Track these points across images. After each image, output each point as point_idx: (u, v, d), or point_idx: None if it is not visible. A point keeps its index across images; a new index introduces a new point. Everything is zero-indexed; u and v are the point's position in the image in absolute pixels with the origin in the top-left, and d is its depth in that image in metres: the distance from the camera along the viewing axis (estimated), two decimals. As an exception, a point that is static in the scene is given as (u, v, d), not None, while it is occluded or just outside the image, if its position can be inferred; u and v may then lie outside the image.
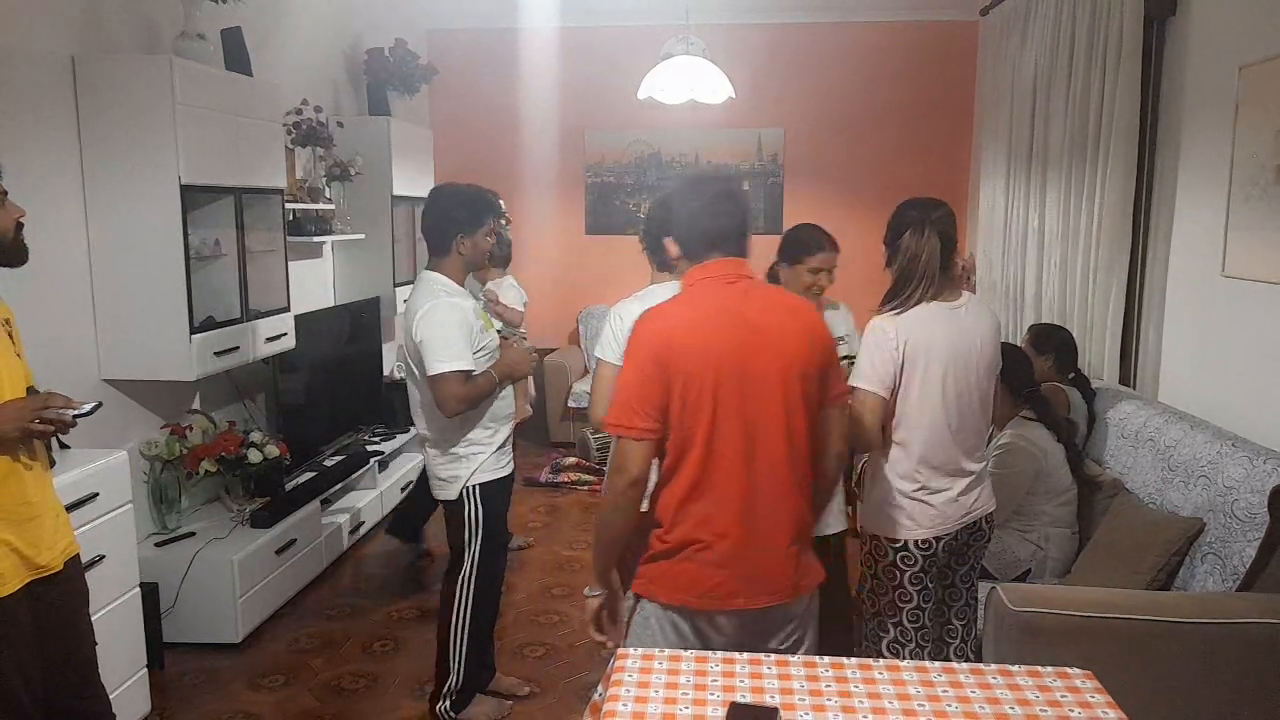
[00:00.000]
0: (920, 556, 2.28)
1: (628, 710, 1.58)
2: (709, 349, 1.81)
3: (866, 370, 2.23)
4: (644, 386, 1.81)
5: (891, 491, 2.28)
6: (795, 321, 1.88)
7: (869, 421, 2.24)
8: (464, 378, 2.60)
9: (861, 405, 2.22)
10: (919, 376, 2.22)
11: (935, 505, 2.27)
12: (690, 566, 1.86)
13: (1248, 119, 3.03)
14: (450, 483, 2.76)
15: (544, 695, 3.13)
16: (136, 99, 3.10)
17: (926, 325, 2.22)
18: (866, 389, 2.23)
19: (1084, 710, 1.59)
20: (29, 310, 2.17)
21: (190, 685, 3.16)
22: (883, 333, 2.22)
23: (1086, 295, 4.04)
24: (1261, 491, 2.49)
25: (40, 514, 2.03)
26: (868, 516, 2.35)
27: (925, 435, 2.25)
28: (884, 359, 2.21)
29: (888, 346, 2.21)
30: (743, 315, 1.85)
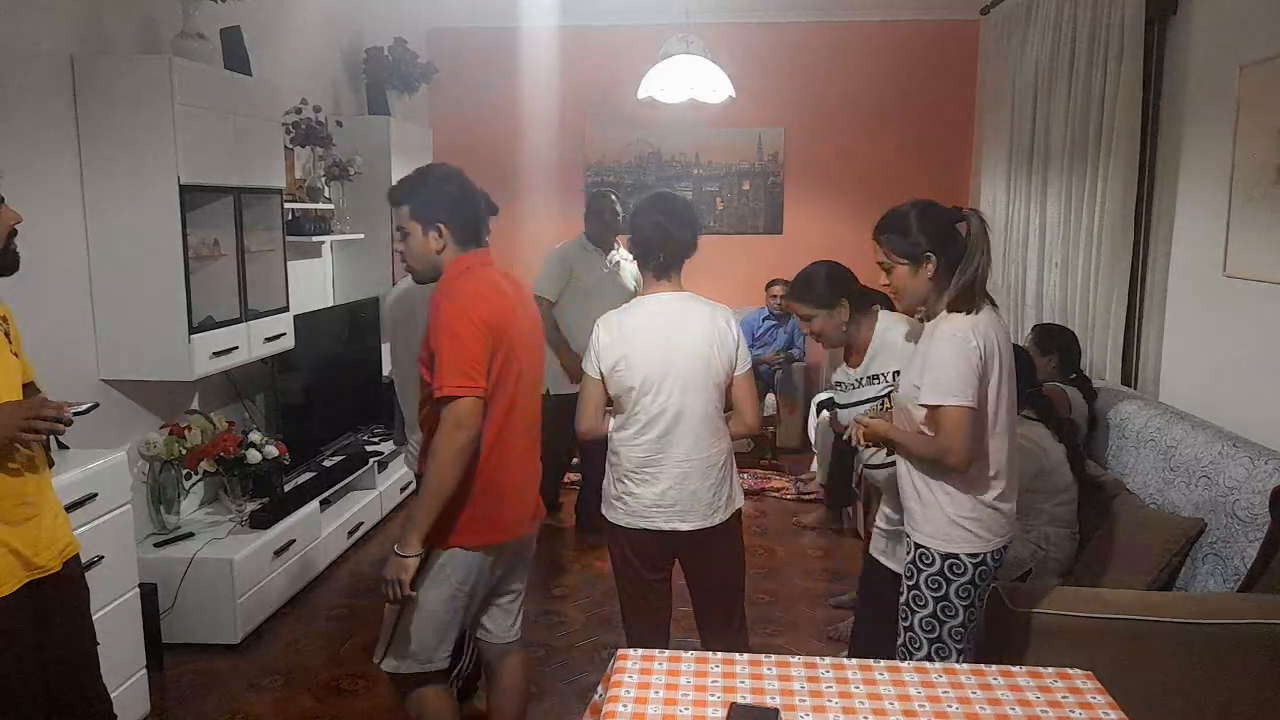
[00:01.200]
0: (994, 569, 2.14)
1: (628, 711, 1.58)
2: (507, 319, 2.19)
3: (955, 382, 2.01)
4: (479, 352, 2.11)
5: (968, 503, 2.09)
6: (524, 294, 2.38)
7: (964, 439, 2.02)
8: None
9: (957, 422, 2.01)
10: (994, 381, 2.07)
11: (1005, 512, 2.13)
12: (495, 508, 2.21)
13: (1249, 119, 3.02)
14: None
15: (544, 696, 3.13)
16: (135, 98, 3.10)
17: (990, 326, 2.08)
18: (958, 404, 2.01)
19: (1085, 711, 1.59)
20: (27, 310, 2.17)
21: (189, 686, 3.15)
22: (965, 339, 2.03)
23: (1087, 295, 4.04)
24: (1262, 492, 2.49)
25: (39, 514, 2.03)
26: (935, 536, 2.11)
27: (1000, 442, 2.10)
28: (970, 367, 2.02)
29: (972, 354, 2.02)
30: (508, 292, 2.27)
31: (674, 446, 2.42)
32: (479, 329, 2.10)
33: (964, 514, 2.09)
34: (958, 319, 2.06)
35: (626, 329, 2.42)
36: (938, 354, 2.05)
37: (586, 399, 2.47)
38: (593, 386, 2.45)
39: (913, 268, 2.13)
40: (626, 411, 2.43)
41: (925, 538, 2.13)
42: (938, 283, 2.13)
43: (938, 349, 2.05)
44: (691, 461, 2.42)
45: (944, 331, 2.06)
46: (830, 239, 6.26)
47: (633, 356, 2.39)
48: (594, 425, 2.48)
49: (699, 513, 2.45)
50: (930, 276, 2.12)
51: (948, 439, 2.02)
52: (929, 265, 2.11)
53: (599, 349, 2.44)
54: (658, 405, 2.40)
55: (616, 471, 2.48)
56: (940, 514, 2.11)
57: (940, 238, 2.11)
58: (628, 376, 2.39)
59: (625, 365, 2.39)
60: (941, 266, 2.11)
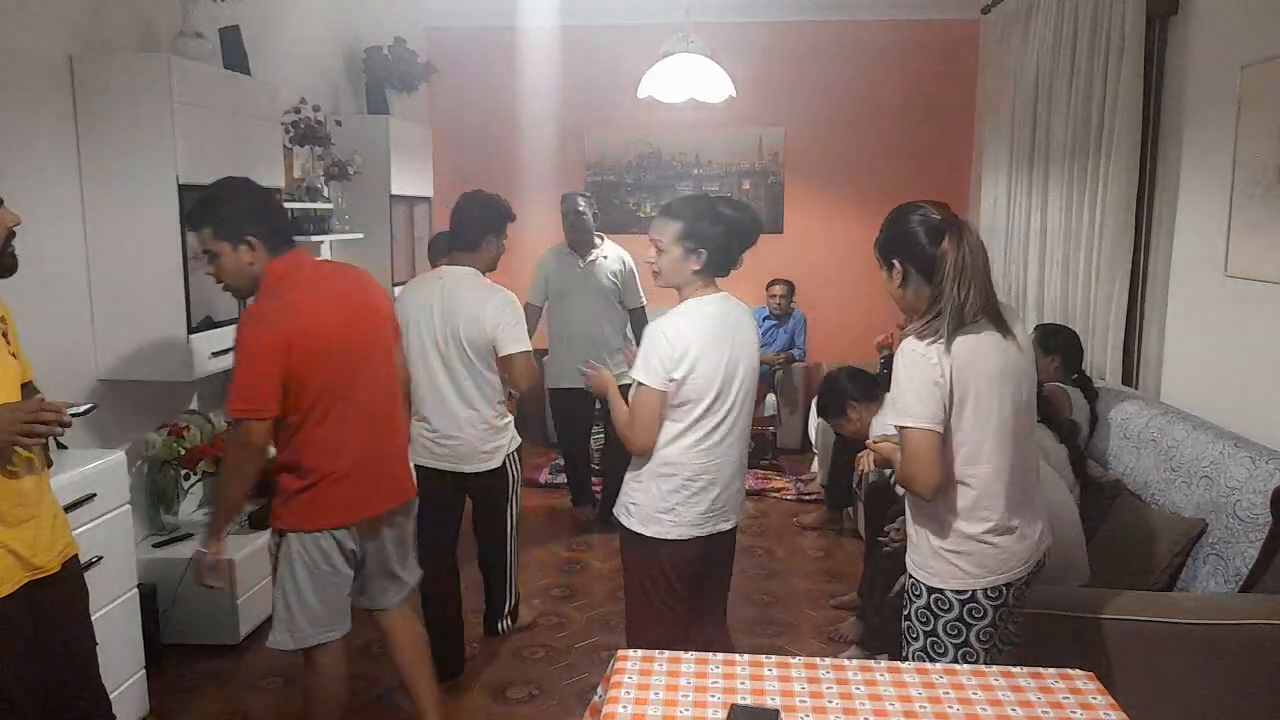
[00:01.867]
0: (990, 608, 1.96)
1: (628, 712, 1.57)
2: (317, 326, 2.27)
3: (912, 403, 1.88)
4: (267, 373, 2.22)
5: (951, 535, 1.96)
6: (361, 287, 2.44)
7: (924, 464, 1.89)
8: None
9: (915, 446, 1.89)
10: (970, 406, 1.90)
11: (1002, 547, 1.95)
12: (327, 494, 2.32)
13: (1250, 118, 3.02)
14: (495, 453, 3.10)
15: (544, 697, 3.12)
16: (134, 98, 3.09)
17: (970, 348, 1.92)
18: (916, 426, 1.88)
19: (1086, 711, 1.58)
20: (26, 310, 2.16)
21: (189, 686, 3.15)
22: (925, 357, 1.89)
23: (1089, 295, 4.03)
24: (1264, 492, 2.48)
25: (37, 515, 2.02)
26: (922, 567, 2.01)
27: (991, 472, 1.94)
28: (929, 386, 1.88)
29: (931, 372, 1.88)
30: (329, 292, 2.33)
31: (733, 450, 2.40)
32: (272, 352, 2.19)
33: (947, 546, 1.95)
34: (916, 329, 1.93)
35: (692, 335, 2.28)
36: (896, 371, 1.93)
37: (651, 414, 2.30)
38: (655, 399, 2.29)
39: (889, 274, 2.01)
40: (688, 420, 2.31)
41: (913, 567, 2.04)
42: (915, 296, 1.97)
43: (897, 368, 1.93)
44: (742, 463, 2.45)
45: (904, 349, 1.92)
46: (830, 239, 6.27)
47: (702, 363, 2.28)
48: (655, 440, 2.33)
49: (735, 511, 2.47)
50: (899, 285, 1.98)
51: (908, 465, 1.90)
52: (896, 273, 1.98)
53: (665, 359, 2.26)
54: (723, 410, 2.33)
55: (668, 484, 2.34)
56: (925, 544, 2.00)
57: (909, 249, 1.95)
58: (699, 383, 2.28)
59: (697, 372, 2.28)
60: (914, 279, 1.95)
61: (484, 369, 3.01)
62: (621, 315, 4.62)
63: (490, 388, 3.04)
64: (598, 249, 4.57)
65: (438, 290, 3.02)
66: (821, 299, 6.17)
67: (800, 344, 6.00)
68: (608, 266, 4.57)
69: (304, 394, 2.26)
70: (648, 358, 2.29)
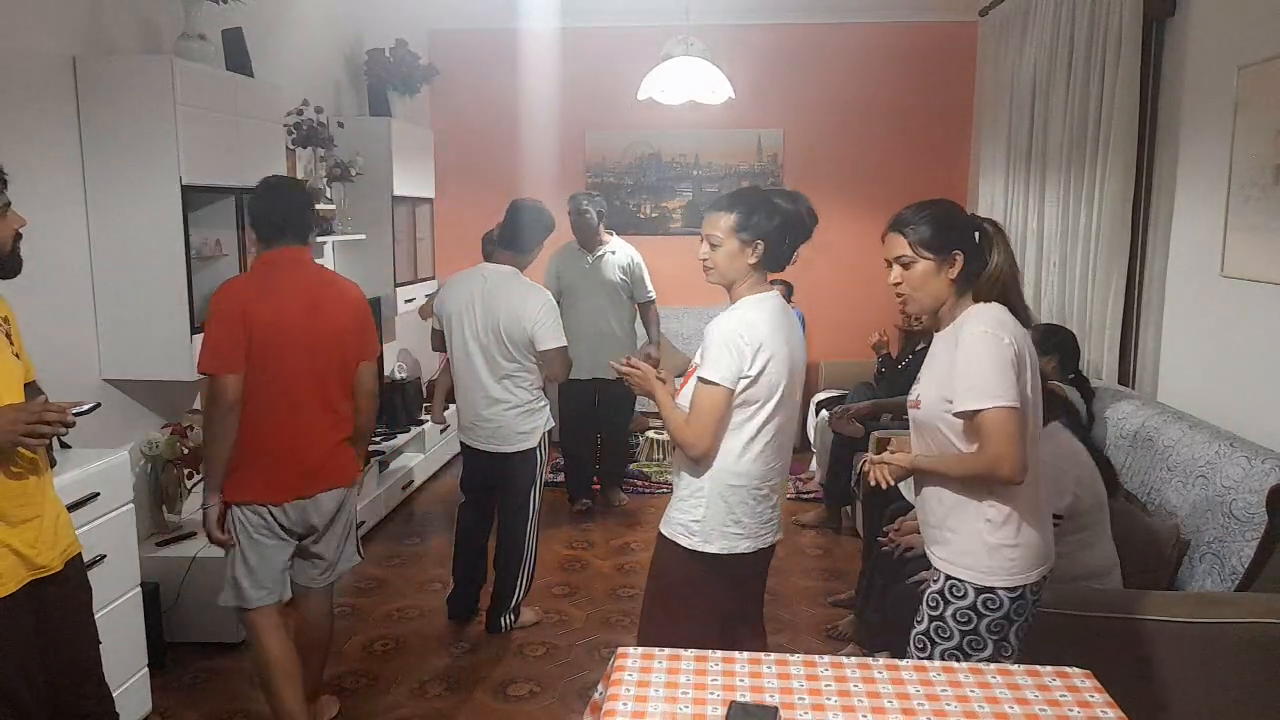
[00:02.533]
0: (1031, 601, 1.96)
1: (628, 709, 1.58)
2: (267, 308, 2.48)
3: (995, 382, 1.84)
4: (225, 334, 2.45)
5: (1011, 527, 1.92)
6: (327, 288, 2.62)
7: (1016, 444, 1.83)
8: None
9: (1004, 426, 1.83)
10: (1028, 382, 1.91)
11: (1046, 538, 1.97)
12: (253, 472, 2.53)
13: (1247, 119, 3.03)
14: (530, 434, 3.40)
15: (544, 694, 3.14)
16: (137, 99, 3.11)
17: (1019, 327, 1.95)
18: (1002, 405, 1.83)
19: (1083, 709, 1.59)
20: (30, 310, 2.18)
21: (192, 685, 3.16)
22: (997, 337, 1.87)
23: (1086, 295, 4.05)
24: (1259, 491, 2.50)
25: (40, 514, 2.03)
26: (971, 566, 1.93)
27: (1041, 453, 1.96)
28: (1007, 364, 1.86)
29: (1006, 351, 1.86)
30: (305, 291, 2.55)
31: (788, 452, 2.34)
32: (228, 315, 2.46)
33: (1006, 540, 1.91)
34: (984, 316, 1.91)
35: (764, 330, 2.18)
36: (969, 355, 1.87)
37: (718, 415, 2.16)
38: (724, 399, 2.15)
39: (938, 264, 1.95)
40: (756, 424, 2.20)
41: (956, 568, 1.95)
42: (960, 287, 1.98)
43: (968, 350, 1.87)
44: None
45: (972, 331, 1.89)
46: (830, 239, 6.27)
47: (774, 360, 2.18)
48: (717, 445, 2.20)
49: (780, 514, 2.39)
50: (953, 278, 1.96)
51: (997, 446, 1.81)
52: (956, 263, 1.95)
53: (740, 354, 2.13)
54: (787, 411, 2.26)
55: (736, 495, 2.23)
56: (979, 542, 1.92)
57: (966, 238, 1.97)
58: (770, 381, 2.18)
59: (769, 370, 2.17)
60: (963, 269, 1.96)
61: (521, 359, 3.33)
62: (629, 311, 4.77)
63: (526, 374, 3.35)
64: (605, 245, 4.72)
65: (480, 286, 3.34)
66: (820, 299, 6.18)
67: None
68: (615, 262, 4.71)
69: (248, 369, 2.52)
70: (718, 355, 2.14)
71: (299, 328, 2.52)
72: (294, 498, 2.59)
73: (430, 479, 5.49)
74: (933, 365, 2.01)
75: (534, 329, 3.28)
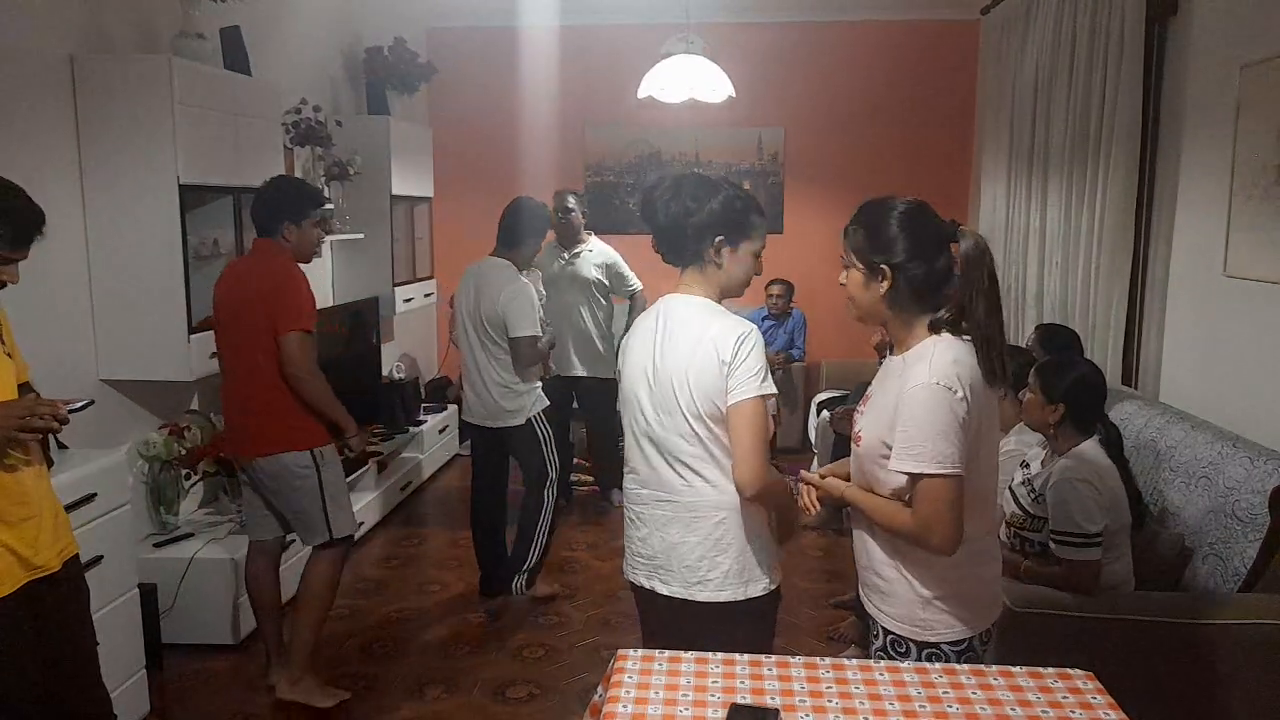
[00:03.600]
0: (981, 652, 1.81)
1: (628, 711, 1.57)
2: (217, 290, 2.96)
3: (938, 446, 1.64)
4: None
5: (950, 577, 1.76)
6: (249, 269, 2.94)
7: (951, 516, 1.66)
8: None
9: (941, 497, 1.65)
10: (974, 430, 1.69)
11: (989, 580, 1.83)
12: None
13: (1249, 119, 3.02)
14: (517, 412, 3.65)
15: (544, 696, 3.13)
16: (135, 98, 3.10)
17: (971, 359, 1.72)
18: (942, 473, 1.64)
19: (1085, 711, 1.58)
20: (26, 310, 2.17)
21: (189, 686, 3.15)
22: (948, 389, 1.65)
23: (1088, 296, 4.04)
24: (1262, 492, 2.49)
25: (38, 514, 2.02)
26: (908, 621, 1.79)
27: (983, 496, 1.77)
28: (955, 423, 1.65)
29: (958, 407, 1.65)
30: (240, 274, 2.94)
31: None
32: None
33: (943, 592, 1.75)
34: (939, 362, 1.68)
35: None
36: (912, 409, 1.66)
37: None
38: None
39: (867, 277, 1.76)
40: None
41: (894, 622, 1.80)
42: (898, 307, 1.76)
43: (912, 403, 1.66)
44: None
45: (919, 381, 1.67)
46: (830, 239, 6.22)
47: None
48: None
49: None
50: (882, 295, 1.74)
51: (929, 515, 1.66)
52: (883, 283, 1.73)
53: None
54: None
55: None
56: (912, 594, 1.76)
57: (916, 251, 1.71)
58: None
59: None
60: (902, 288, 1.73)
61: (501, 342, 3.58)
62: (606, 310, 4.82)
63: (506, 357, 3.59)
64: (583, 245, 4.76)
65: (476, 276, 3.64)
66: (820, 299, 6.17)
67: (799, 344, 6.00)
68: (592, 260, 4.75)
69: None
70: (756, 368, 1.86)
71: (228, 305, 2.92)
72: (230, 454, 3.16)
73: (429, 480, 5.48)
74: (875, 397, 1.81)
75: (504, 316, 3.53)
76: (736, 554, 1.93)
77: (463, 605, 3.83)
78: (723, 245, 1.93)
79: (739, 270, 1.97)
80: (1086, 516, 2.37)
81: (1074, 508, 2.39)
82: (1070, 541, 2.39)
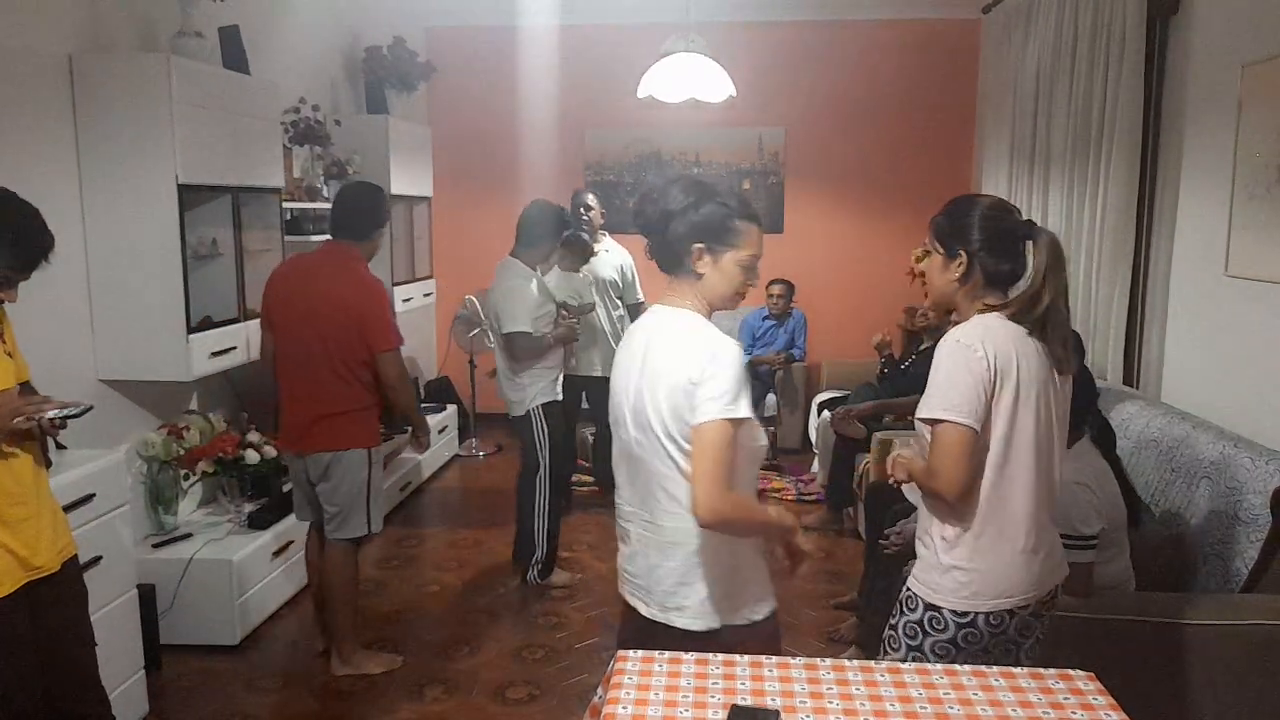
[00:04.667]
0: (987, 634, 1.87)
1: (628, 713, 1.57)
2: (270, 289, 3.15)
3: (951, 396, 1.77)
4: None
5: (964, 548, 1.85)
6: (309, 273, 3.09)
7: (955, 462, 1.77)
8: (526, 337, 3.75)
9: (948, 442, 1.77)
10: (1007, 402, 1.80)
11: (1016, 567, 1.86)
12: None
13: (1251, 117, 3.01)
14: (517, 403, 3.86)
15: (544, 697, 3.12)
16: (134, 98, 3.09)
17: (1013, 340, 1.82)
18: (952, 421, 1.77)
19: (1087, 712, 1.58)
20: (25, 310, 2.16)
21: (188, 687, 3.15)
22: (969, 348, 1.79)
23: (1089, 295, 4.03)
24: (1264, 492, 2.48)
25: (36, 515, 2.02)
26: (924, 581, 1.90)
27: (1019, 482, 1.83)
28: (973, 379, 1.77)
29: (976, 365, 1.77)
30: (288, 272, 3.14)
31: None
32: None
33: (958, 562, 1.84)
34: (969, 325, 1.84)
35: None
36: (937, 362, 1.82)
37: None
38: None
39: (944, 260, 1.90)
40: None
41: (913, 580, 1.92)
42: (968, 290, 1.89)
43: (938, 357, 1.83)
44: None
45: (948, 338, 1.83)
46: (830, 238, 6.27)
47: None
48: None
49: None
50: (956, 277, 1.88)
51: (937, 459, 1.77)
52: (959, 264, 1.87)
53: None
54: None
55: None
56: (934, 559, 1.87)
57: (989, 243, 1.85)
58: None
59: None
60: (975, 272, 1.87)
61: (499, 335, 3.83)
62: (619, 310, 4.82)
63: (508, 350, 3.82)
64: (600, 244, 4.77)
65: (496, 272, 3.89)
66: (821, 299, 6.17)
67: (800, 344, 5.99)
68: (609, 261, 4.75)
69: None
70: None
71: (293, 303, 3.07)
72: (282, 449, 3.42)
73: (429, 480, 5.47)
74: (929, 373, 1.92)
75: (498, 311, 3.78)
76: (714, 583, 1.83)
77: (462, 605, 3.83)
78: (703, 253, 1.82)
79: (720, 281, 1.84)
80: (1083, 519, 2.38)
81: (1071, 511, 2.39)
82: (1066, 545, 2.38)
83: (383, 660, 3.28)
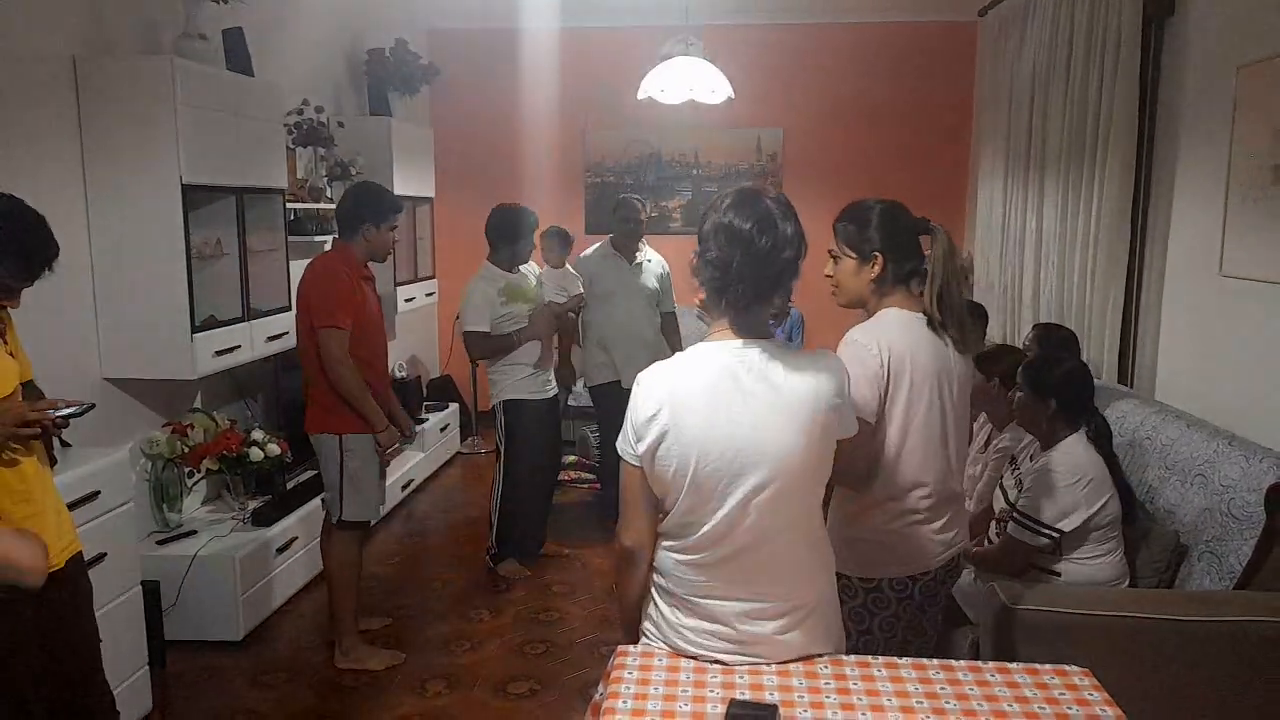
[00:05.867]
0: (894, 599, 2.06)
1: (627, 708, 1.59)
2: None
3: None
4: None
5: (866, 525, 2.04)
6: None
7: (853, 460, 1.92)
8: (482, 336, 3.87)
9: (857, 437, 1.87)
10: (903, 396, 1.97)
11: (914, 540, 2.04)
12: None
13: (1246, 119, 3.03)
14: (494, 396, 4.00)
15: (544, 692, 3.14)
16: (138, 99, 3.11)
17: (906, 332, 2.00)
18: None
19: (1081, 708, 1.60)
20: (31, 309, 2.18)
21: (192, 683, 3.17)
22: (863, 346, 1.97)
23: (1084, 295, 4.05)
24: (1258, 490, 2.50)
25: (41, 512, 2.04)
26: (836, 551, 1.95)
27: (918, 459, 2.01)
28: (867, 377, 1.94)
29: (869, 362, 1.96)
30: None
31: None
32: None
33: (858, 535, 2.04)
34: (868, 324, 2.01)
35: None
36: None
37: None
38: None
39: (859, 264, 2.07)
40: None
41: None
42: (879, 288, 2.06)
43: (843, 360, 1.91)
44: None
45: (846, 338, 2.00)
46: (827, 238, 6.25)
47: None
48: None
49: None
50: (873, 278, 2.05)
51: (841, 460, 1.80)
52: (875, 265, 2.04)
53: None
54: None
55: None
56: (839, 534, 2.03)
57: (896, 243, 2.04)
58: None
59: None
60: (889, 271, 2.03)
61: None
62: (658, 318, 4.61)
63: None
64: (641, 252, 4.60)
65: None
66: (819, 298, 6.16)
67: (798, 342, 6.02)
68: (652, 270, 4.59)
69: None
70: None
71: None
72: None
73: (431, 477, 5.49)
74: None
75: (461, 311, 4.00)
76: (652, 606, 1.80)
77: (464, 602, 3.85)
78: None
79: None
80: (1053, 513, 2.48)
81: (1044, 500, 2.49)
82: (1024, 524, 2.51)
83: (385, 657, 3.31)
